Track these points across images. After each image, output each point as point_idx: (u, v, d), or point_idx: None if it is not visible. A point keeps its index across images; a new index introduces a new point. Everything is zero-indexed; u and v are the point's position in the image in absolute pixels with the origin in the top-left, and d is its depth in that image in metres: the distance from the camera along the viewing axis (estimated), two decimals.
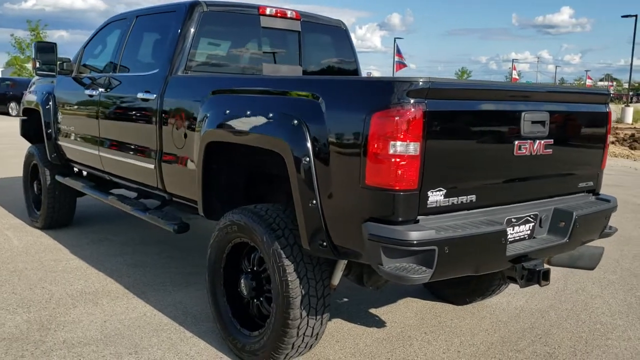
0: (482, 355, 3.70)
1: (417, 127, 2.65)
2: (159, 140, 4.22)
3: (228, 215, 3.53)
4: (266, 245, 3.20)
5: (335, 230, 2.94)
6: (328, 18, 5.11)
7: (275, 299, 3.20)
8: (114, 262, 5.34)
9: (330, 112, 2.90)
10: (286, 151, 3.04)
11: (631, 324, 4.29)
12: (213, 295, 3.71)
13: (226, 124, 3.50)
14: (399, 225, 2.70)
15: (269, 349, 3.28)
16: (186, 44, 4.23)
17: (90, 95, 5.11)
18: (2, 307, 4.24)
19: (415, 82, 2.65)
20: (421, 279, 2.67)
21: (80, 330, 3.91)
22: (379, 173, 2.69)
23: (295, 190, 3.02)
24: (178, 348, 3.69)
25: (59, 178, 5.95)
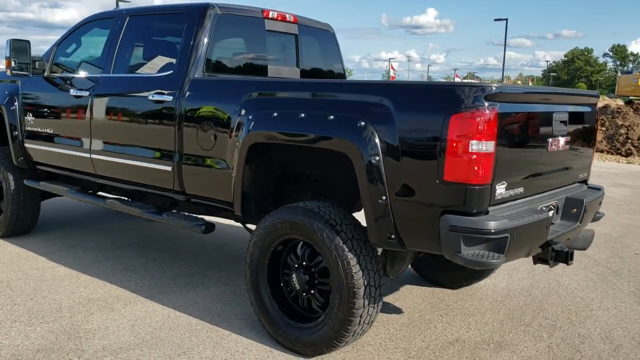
0: (499, 331, 4.11)
1: (492, 127, 2.96)
2: (179, 142, 4.22)
3: (277, 214, 3.66)
4: (327, 240, 3.38)
5: (404, 223, 3.19)
6: (318, 22, 5.30)
7: (338, 291, 3.38)
8: (103, 268, 5.20)
9: (401, 114, 3.14)
10: (354, 151, 3.23)
11: (603, 295, 4.91)
12: (256, 291, 3.81)
13: (274, 125, 3.62)
14: (475, 217, 3.01)
15: (331, 339, 3.46)
16: (203, 46, 4.25)
17: (77, 96, 4.94)
18: (14, 320, 4.06)
19: (489, 87, 2.97)
20: (497, 263, 3.00)
21: (114, 336, 3.85)
22: (458, 169, 2.98)
23: (364, 188, 3.23)
24: (224, 346, 3.76)
25: (29, 183, 5.65)
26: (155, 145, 4.41)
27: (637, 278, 5.44)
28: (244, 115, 3.80)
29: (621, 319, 4.43)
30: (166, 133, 4.30)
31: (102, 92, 4.79)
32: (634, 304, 4.75)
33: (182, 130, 4.21)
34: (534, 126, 3.41)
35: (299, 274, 3.64)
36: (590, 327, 4.25)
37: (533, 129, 3.41)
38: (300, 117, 3.51)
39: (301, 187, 4.27)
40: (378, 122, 3.19)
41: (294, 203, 3.76)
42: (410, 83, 3.52)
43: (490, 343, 3.92)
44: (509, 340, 3.98)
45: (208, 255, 5.72)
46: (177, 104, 4.21)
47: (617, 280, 5.35)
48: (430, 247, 3.23)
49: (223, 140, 3.97)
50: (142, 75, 4.64)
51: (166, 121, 4.29)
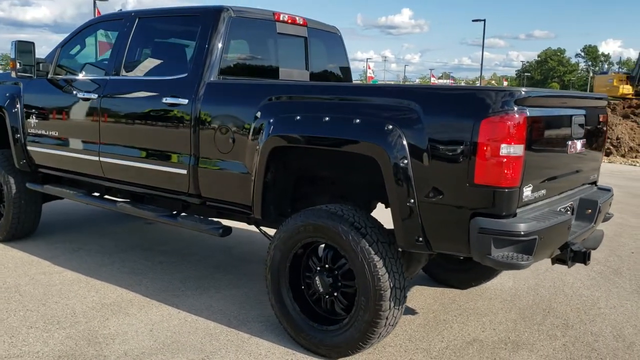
0: (514, 331, 4.18)
1: (521, 131, 3.02)
2: (194, 146, 4.20)
3: (299, 217, 3.67)
4: (352, 243, 3.40)
5: (432, 226, 3.23)
6: (326, 24, 5.32)
7: (364, 293, 3.40)
8: (110, 272, 5.16)
9: (429, 118, 3.18)
10: (382, 155, 3.26)
11: (608, 294, 5.02)
12: (277, 294, 3.82)
13: (297, 129, 3.63)
14: (505, 219, 3.06)
15: (356, 341, 3.49)
16: (218, 49, 4.24)
17: (85, 98, 4.89)
18: (29, 326, 4.01)
19: (518, 92, 3.03)
20: (527, 264, 3.05)
21: (134, 341, 3.83)
22: (488, 172, 3.02)
23: (392, 191, 3.26)
24: (245, 349, 3.76)
25: (32, 186, 5.58)
26: (169, 149, 4.38)
27: (637, 276, 5.56)
28: (265, 118, 3.80)
29: (629, 317, 4.53)
30: (181, 136, 4.28)
31: (112, 95, 4.75)
32: (639, 302, 4.86)
33: (198, 134, 4.20)
34: (556, 129, 3.47)
35: (322, 276, 3.66)
36: (601, 325, 4.34)
37: (556, 132, 3.47)
38: (324, 121, 3.52)
39: (317, 190, 4.28)
40: (406, 126, 3.22)
41: (314, 206, 3.78)
42: (439, 87, 3.56)
43: (508, 342, 3.98)
44: (525, 339, 4.05)
45: (214, 257, 5.70)
46: (193, 107, 4.19)
47: (619, 278, 5.46)
48: (458, 250, 3.27)
49: (242, 144, 3.97)
50: (154, 78, 4.60)
51: (181, 125, 4.27)
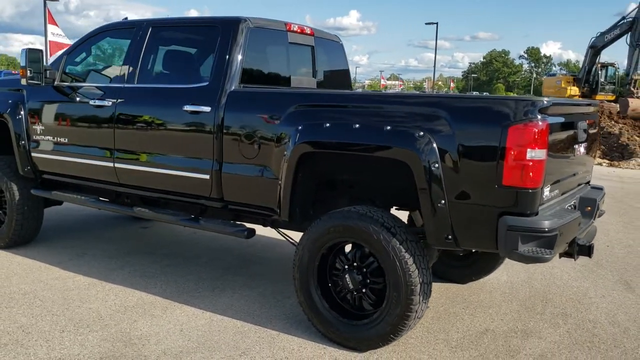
0: (519, 320, 4.50)
1: (544, 136, 3.33)
2: (218, 152, 4.36)
3: (330, 219, 3.89)
4: (384, 242, 3.65)
5: (461, 225, 3.51)
6: (329, 33, 5.55)
7: (396, 289, 3.65)
8: (122, 276, 5.25)
9: (459, 125, 3.45)
10: (414, 160, 3.52)
11: (595, 285, 5.42)
12: (306, 292, 4.03)
13: (327, 135, 3.85)
14: (529, 217, 3.36)
15: (387, 333, 3.74)
16: (238, 58, 4.41)
17: (99, 105, 4.97)
18: (61, 330, 4.09)
19: (541, 101, 3.33)
20: (550, 258, 3.37)
21: (168, 341, 3.97)
22: (515, 175, 3.32)
23: (424, 193, 3.52)
24: (278, 345, 3.96)
25: (37, 192, 5.60)
26: (190, 154, 4.52)
27: (616, 267, 6.00)
28: (292, 125, 4.00)
29: (619, 304, 4.93)
30: (204, 143, 4.43)
31: (129, 102, 4.85)
32: (623, 291, 5.28)
33: (221, 140, 4.36)
34: (568, 134, 3.81)
35: (352, 274, 3.89)
36: (595, 313, 4.72)
37: (567, 136, 3.80)
38: (354, 128, 3.75)
39: (335, 193, 4.50)
40: (437, 132, 3.49)
41: (331, 208, 4.02)
42: (468, 97, 3.84)
43: (517, 331, 4.30)
44: (531, 328, 4.38)
45: (220, 260, 5.85)
46: (216, 114, 4.35)
47: (601, 270, 5.89)
48: (483, 246, 3.57)
49: (268, 149, 4.15)
50: (173, 86, 4.72)
51: (204, 131, 4.42)
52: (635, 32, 28.54)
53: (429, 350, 3.94)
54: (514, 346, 4.04)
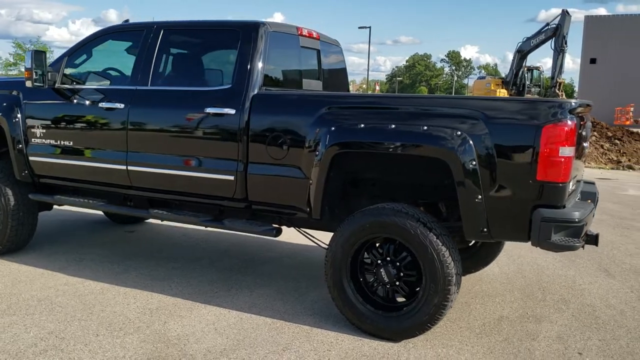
0: (527, 307, 4.83)
1: (573, 135, 3.64)
2: (243, 153, 4.45)
3: (364, 216, 4.07)
4: (421, 236, 3.87)
5: (496, 218, 3.77)
6: (330, 37, 5.72)
7: (433, 280, 3.87)
8: (132, 279, 5.21)
9: (494, 125, 3.72)
10: (452, 158, 3.75)
11: (579, 273, 5.86)
12: (339, 287, 4.18)
13: (362, 136, 4.03)
14: (560, 209, 3.67)
15: (424, 323, 3.95)
16: (260, 62, 4.52)
17: (110, 108, 4.93)
18: (95, 333, 4.07)
19: (569, 104, 3.65)
20: (579, 245, 3.69)
21: (208, 340, 4.03)
22: (548, 170, 3.61)
23: (462, 189, 3.77)
24: (314, 338, 4.09)
25: (37, 197, 5.48)
26: (213, 156, 4.58)
27: (592, 256, 6.46)
28: (324, 126, 4.15)
29: (607, 289, 5.36)
30: (227, 144, 4.50)
31: (143, 105, 4.85)
32: (606, 278, 5.73)
33: (246, 142, 4.45)
34: (582, 133, 4.15)
35: (387, 268, 4.08)
36: (589, 297, 5.12)
37: (582, 135, 4.15)
38: (391, 128, 3.95)
39: (358, 191, 4.68)
40: (473, 132, 3.74)
41: (353, 205, 4.19)
42: (503, 99, 4.09)
43: (529, 317, 4.62)
44: (539, 313, 4.71)
45: (222, 261, 5.90)
46: (241, 117, 4.44)
47: (579, 259, 6.34)
48: (515, 237, 3.85)
49: (297, 150, 4.28)
50: (193, 89, 4.75)
51: (228, 133, 4.49)
52: (559, 37, 30.25)
53: (458, 337, 4.18)
54: (531, 330, 4.35)
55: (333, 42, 5.77)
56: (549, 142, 3.59)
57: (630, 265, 6.19)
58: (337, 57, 5.83)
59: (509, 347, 4.05)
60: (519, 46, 33.53)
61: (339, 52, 5.85)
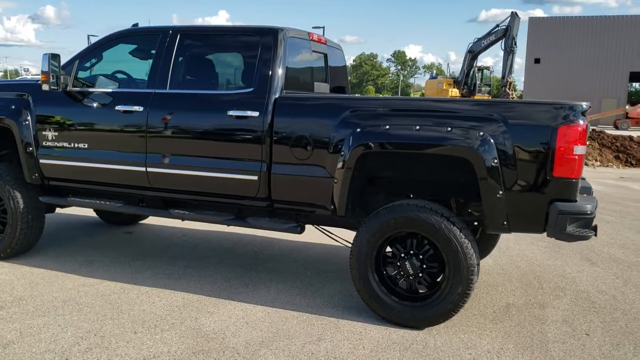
0: (528, 295, 5.19)
1: (584, 135, 4.00)
2: (267, 153, 4.63)
3: (389, 212, 4.32)
4: (446, 231, 4.16)
5: (515, 211, 4.10)
6: (334, 42, 5.95)
7: (457, 270, 4.16)
8: (149, 279, 5.31)
9: (514, 126, 4.03)
10: (476, 157, 4.05)
11: (565, 262, 6.28)
12: (365, 280, 4.43)
13: (388, 137, 4.28)
14: (573, 202, 4.02)
15: (449, 311, 4.24)
16: (280, 66, 4.72)
17: (128, 110, 5.02)
18: (133, 331, 4.18)
19: (581, 106, 4.00)
20: (591, 235, 4.05)
21: (244, 333, 4.20)
22: (563, 167, 3.96)
23: (485, 186, 4.07)
24: (344, 329, 4.32)
25: (48, 199, 5.51)
26: (236, 157, 4.74)
27: (573, 248, 6.90)
28: (349, 128, 4.38)
29: (594, 277, 5.79)
30: (251, 145, 4.67)
31: (163, 107, 4.95)
32: (590, 266, 6.17)
33: (270, 143, 4.63)
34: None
35: (411, 261, 4.35)
36: (582, 284, 5.53)
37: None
38: (416, 129, 4.22)
39: (374, 189, 4.93)
40: (494, 132, 4.05)
41: (370, 203, 4.44)
42: (521, 102, 4.38)
43: (534, 303, 4.98)
44: (541, 300, 5.08)
45: (228, 259, 6.05)
46: (264, 119, 4.62)
47: (562, 250, 6.79)
48: (532, 229, 4.19)
49: (321, 151, 4.50)
50: (214, 92, 4.91)
51: (251, 135, 4.67)
52: (508, 38, 31.39)
53: (475, 324, 4.49)
54: (538, 315, 4.71)
55: (336, 47, 6.00)
56: (564, 141, 3.94)
57: (609, 255, 6.66)
58: (340, 61, 6.06)
59: (523, 331, 4.38)
60: (470, 47, 34.57)
61: (341, 55, 6.09)
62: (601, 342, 4.22)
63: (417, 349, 4.04)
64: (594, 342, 4.22)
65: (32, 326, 4.23)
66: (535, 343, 4.18)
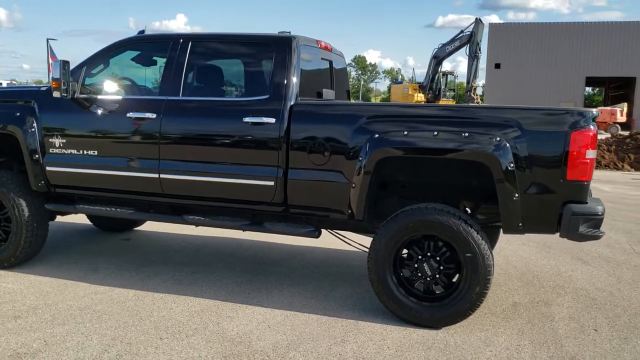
0: (531, 293, 5.39)
1: (595, 140, 4.21)
2: (283, 159, 4.72)
3: (408, 216, 4.45)
4: (464, 233, 4.31)
5: (530, 213, 4.28)
6: (336, 49, 6.07)
7: (474, 271, 4.31)
8: (159, 285, 5.33)
9: (529, 131, 4.22)
10: (493, 161, 4.21)
11: (558, 262, 6.53)
12: (384, 283, 4.54)
13: (406, 142, 4.42)
14: (586, 204, 4.23)
15: (467, 310, 4.39)
16: (295, 74, 4.82)
17: (140, 117, 5.04)
18: (158, 337, 4.20)
19: (591, 112, 4.21)
20: (602, 235, 4.26)
21: (269, 337, 4.27)
22: (576, 171, 4.16)
23: (502, 189, 4.24)
24: (365, 330, 4.43)
25: (54, 207, 5.48)
26: (253, 163, 4.81)
27: (563, 248, 7.15)
28: (367, 134, 4.50)
29: (589, 275, 6.05)
30: (267, 151, 4.75)
31: (177, 114, 4.99)
32: (583, 265, 6.44)
33: (286, 149, 4.72)
34: None
35: (429, 262, 4.49)
36: (579, 282, 5.77)
37: None
38: (434, 135, 4.37)
39: (387, 193, 5.05)
40: (510, 137, 4.23)
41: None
42: (536, 108, 4.54)
43: (539, 302, 5.18)
44: (544, 298, 5.29)
45: (233, 264, 6.09)
46: (281, 126, 4.71)
47: (553, 251, 7.05)
48: (545, 230, 4.38)
49: (338, 156, 4.61)
50: (228, 99, 4.97)
51: (268, 141, 4.75)
52: (472, 44, 32.11)
53: (488, 322, 4.66)
54: (546, 312, 4.91)
55: (339, 53, 6.12)
56: (576, 146, 4.14)
57: (598, 254, 6.94)
58: (342, 67, 6.19)
59: (535, 328, 4.57)
60: (435, 52, 35.20)
61: (343, 62, 6.21)
62: (610, 337, 4.43)
63: (439, 347, 4.17)
64: (603, 337, 4.42)
65: (55, 335, 4.21)
66: (549, 339, 4.36)
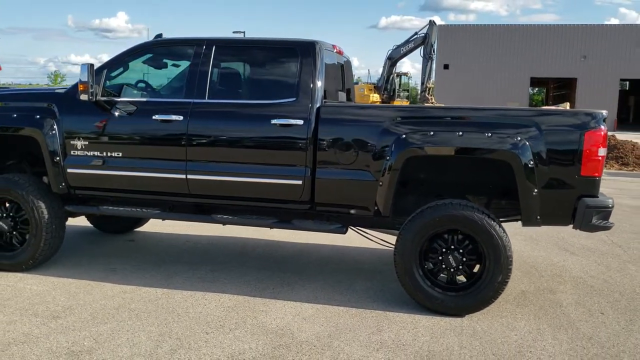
0: (535, 282, 5.78)
1: (605, 139, 4.62)
2: (312, 159, 4.94)
3: (434, 211, 4.75)
4: (487, 226, 4.64)
5: (547, 207, 4.65)
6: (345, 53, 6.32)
7: (496, 261, 4.64)
8: (184, 283, 5.45)
9: (547, 132, 4.58)
10: (515, 159, 4.56)
11: (549, 254, 6.97)
12: (410, 275, 4.82)
13: (432, 142, 4.71)
14: (597, 198, 4.62)
15: (490, 298, 4.72)
16: (320, 76, 5.05)
17: (167, 120, 5.16)
18: (204, 332, 4.35)
19: (602, 113, 4.61)
20: (611, 226, 4.66)
21: (309, 329, 4.47)
22: (590, 167, 4.55)
23: (523, 185, 4.59)
24: (395, 320, 4.70)
25: (76, 209, 5.56)
26: (281, 163, 5.01)
27: (548, 240, 7.63)
28: (395, 134, 4.77)
29: (581, 265, 6.50)
30: (296, 152, 4.96)
31: (204, 117, 5.14)
32: (571, 255, 6.90)
33: (314, 149, 4.94)
34: None
35: (454, 254, 4.79)
36: (573, 271, 6.21)
37: None
38: (458, 135, 4.68)
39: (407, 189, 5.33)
40: (530, 137, 4.58)
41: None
42: (552, 111, 4.91)
43: (543, 290, 5.57)
44: (548, 286, 5.69)
45: (248, 262, 6.26)
46: (308, 127, 4.93)
47: (542, 243, 7.50)
48: (560, 222, 4.78)
49: (366, 155, 4.87)
50: (255, 102, 5.14)
51: (296, 142, 4.96)
52: (427, 46, 32.82)
53: (504, 309, 5.01)
54: (553, 300, 5.30)
55: (347, 57, 6.37)
56: (590, 145, 4.53)
57: (581, 245, 7.44)
58: (350, 70, 6.44)
59: (548, 313, 4.94)
60: (389, 53, 35.76)
61: (350, 65, 6.46)
62: (618, 319, 4.84)
63: (469, 333, 4.49)
64: (611, 319, 4.84)
65: (102, 333, 4.30)
66: (564, 323, 4.74)
